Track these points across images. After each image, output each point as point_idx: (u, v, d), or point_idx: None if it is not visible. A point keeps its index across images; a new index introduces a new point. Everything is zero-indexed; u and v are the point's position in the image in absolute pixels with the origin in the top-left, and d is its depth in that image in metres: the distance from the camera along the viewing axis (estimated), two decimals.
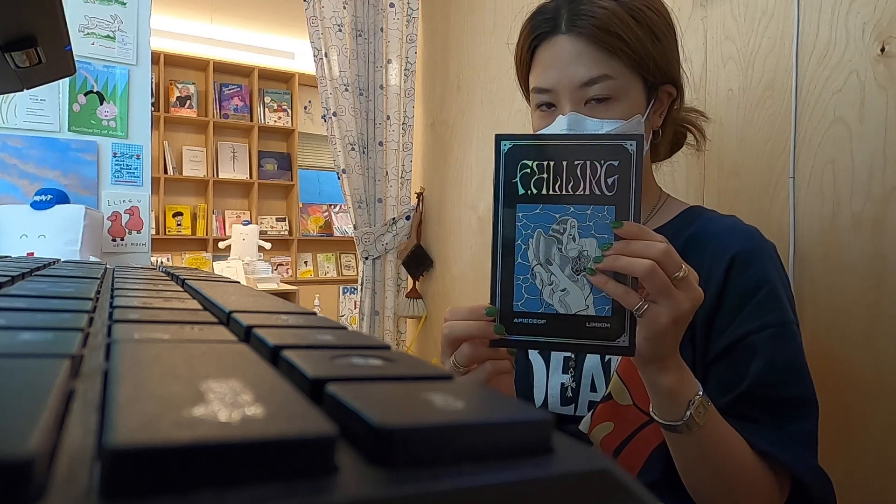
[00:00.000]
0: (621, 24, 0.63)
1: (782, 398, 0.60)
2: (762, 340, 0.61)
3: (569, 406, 0.72)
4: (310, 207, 4.48)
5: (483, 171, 1.77)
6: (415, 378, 0.16)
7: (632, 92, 0.66)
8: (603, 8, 0.64)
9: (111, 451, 0.09)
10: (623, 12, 0.64)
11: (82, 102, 1.60)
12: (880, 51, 0.81)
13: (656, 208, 0.74)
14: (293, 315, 0.27)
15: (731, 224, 0.69)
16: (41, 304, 0.27)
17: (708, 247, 0.66)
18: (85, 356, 0.18)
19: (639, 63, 0.65)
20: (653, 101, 0.68)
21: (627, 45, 0.64)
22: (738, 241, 0.66)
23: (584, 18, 0.64)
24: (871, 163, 0.81)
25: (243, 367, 0.16)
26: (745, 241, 0.66)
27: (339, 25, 1.92)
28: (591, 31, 0.64)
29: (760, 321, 0.61)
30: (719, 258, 0.65)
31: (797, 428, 0.59)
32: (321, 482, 0.10)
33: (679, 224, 0.71)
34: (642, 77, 0.66)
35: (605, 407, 0.67)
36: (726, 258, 0.64)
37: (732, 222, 0.70)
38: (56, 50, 0.59)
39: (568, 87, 0.66)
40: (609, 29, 0.63)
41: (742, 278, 0.63)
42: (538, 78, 0.69)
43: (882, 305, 0.80)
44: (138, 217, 1.67)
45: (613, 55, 0.64)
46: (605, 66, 0.65)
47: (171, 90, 4.01)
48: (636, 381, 0.66)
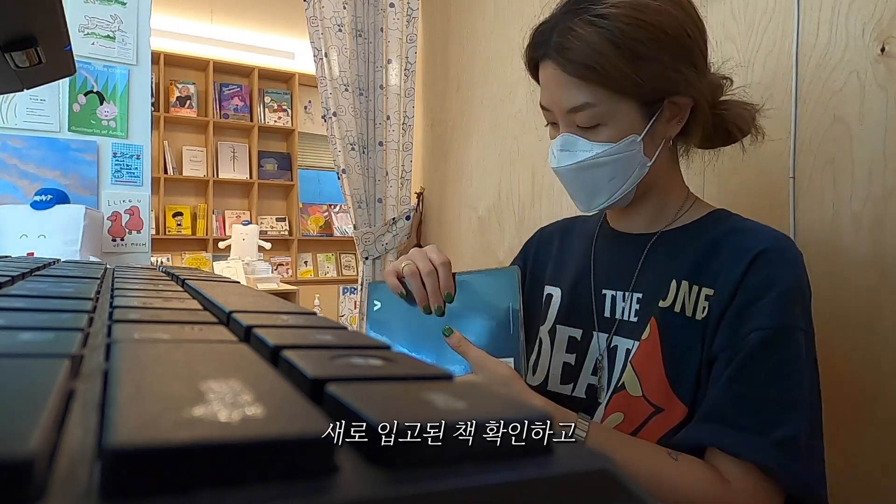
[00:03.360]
0: (597, 54, 0.63)
1: (765, 400, 0.59)
2: (756, 340, 0.61)
3: (567, 385, 0.75)
4: (310, 207, 4.48)
5: (483, 171, 1.77)
6: (415, 378, 0.16)
7: (620, 115, 0.66)
8: (580, 39, 0.63)
9: (111, 451, 0.09)
10: (602, 40, 0.63)
11: (82, 102, 1.60)
12: (880, 51, 0.81)
13: (683, 209, 0.74)
14: (293, 315, 0.27)
15: (761, 227, 0.69)
16: (41, 304, 0.27)
17: (734, 244, 0.66)
18: (85, 356, 0.18)
19: (620, 88, 0.64)
20: (656, 116, 0.67)
21: (604, 76, 0.63)
22: (765, 241, 0.65)
23: (564, 50, 0.65)
24: (871, 163, 0.81)
25: (243, 367, 0.16)
26: (772, 241, 0.65)
27: (339, 25, 1.92)
28: (569, 65, 0.65)
29: (761, 322, 0.61)
30: (742, 255, 0.64)
31: (779, 433, 0.58)
32: (321, 482, 0.10)
33: (704, 224, 0.71)
34: (633, 99, 0.65)
35: (617, 398, 0.68)
36: (749, 255, 0.63)
37: (762, 226, 0.69)
38: (56, 50, 0.59)
39: (557, 110, 0.68)
40: (585, 63, 0.63)
41: (758, 276, 0.63)
42: (541, 96, 0.71)
43: (882, 305, 0.80)
44: (138, 217, 1.67)
45: (591, 84, 0.64)
46: (586, 95, 0.65)
47: (171, 90, 4.01)
48: (648, 373, 0.67)
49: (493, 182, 1.71)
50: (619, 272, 0.75)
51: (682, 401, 0.65)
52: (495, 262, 1.69)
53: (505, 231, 1.66)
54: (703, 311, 0.65)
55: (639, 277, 0.72)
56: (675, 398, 0.65)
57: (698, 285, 0.66)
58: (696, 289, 0.67)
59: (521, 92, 1.57)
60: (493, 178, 1.71)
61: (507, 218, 1.65)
